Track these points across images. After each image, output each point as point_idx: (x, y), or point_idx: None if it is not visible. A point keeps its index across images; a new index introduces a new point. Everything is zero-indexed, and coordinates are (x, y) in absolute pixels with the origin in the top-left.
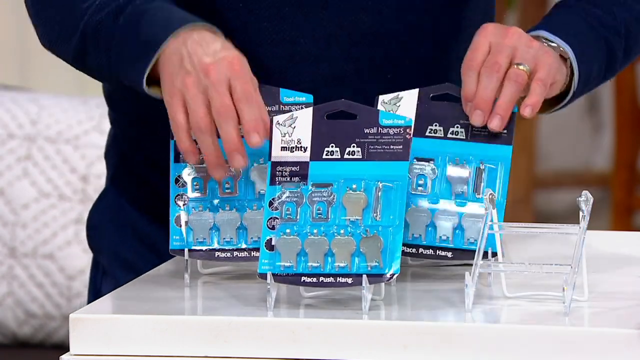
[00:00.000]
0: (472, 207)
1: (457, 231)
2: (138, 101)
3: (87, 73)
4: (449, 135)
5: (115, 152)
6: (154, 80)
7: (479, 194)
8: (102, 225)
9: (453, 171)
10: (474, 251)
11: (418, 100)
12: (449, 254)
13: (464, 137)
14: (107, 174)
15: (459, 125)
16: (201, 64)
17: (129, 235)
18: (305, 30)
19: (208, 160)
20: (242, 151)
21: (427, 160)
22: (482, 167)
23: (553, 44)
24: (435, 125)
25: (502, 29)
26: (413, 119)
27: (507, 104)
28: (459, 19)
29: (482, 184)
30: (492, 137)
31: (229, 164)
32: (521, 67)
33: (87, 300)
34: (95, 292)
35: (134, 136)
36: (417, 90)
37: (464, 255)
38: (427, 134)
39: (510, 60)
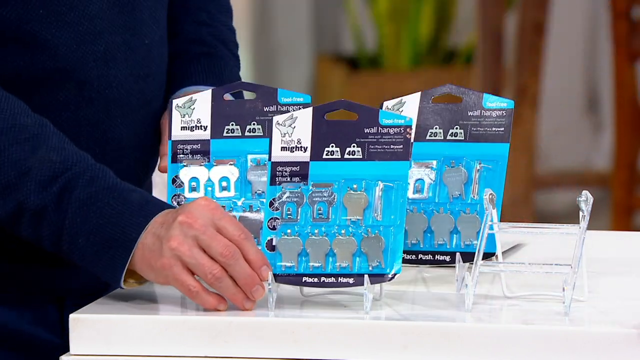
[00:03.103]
0: (467, 210)
1: (453, 234)
2: None
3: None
4: (449, 137)
5: None
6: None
7: (475, 196)
8: None
9: (449, 174)
10: (472, 253)
11: (419, 105)
12: (447, 258)
13: (463, 139)
14: None
15: (458, 127)
16: (178, 221)
17: None
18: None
19: (236, 300)
20: (261, 282)
21: (426, 165)
22: (479, 167)
23: None
24: (436, 129)
25: None
26: (415, 121)
27: None
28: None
29: (477, 186)
30: (489, 135)
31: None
32: None
33: None
34: None
35: None
36: (419, 93)
37: (462, 257)
38: (427, 137)
39: None
